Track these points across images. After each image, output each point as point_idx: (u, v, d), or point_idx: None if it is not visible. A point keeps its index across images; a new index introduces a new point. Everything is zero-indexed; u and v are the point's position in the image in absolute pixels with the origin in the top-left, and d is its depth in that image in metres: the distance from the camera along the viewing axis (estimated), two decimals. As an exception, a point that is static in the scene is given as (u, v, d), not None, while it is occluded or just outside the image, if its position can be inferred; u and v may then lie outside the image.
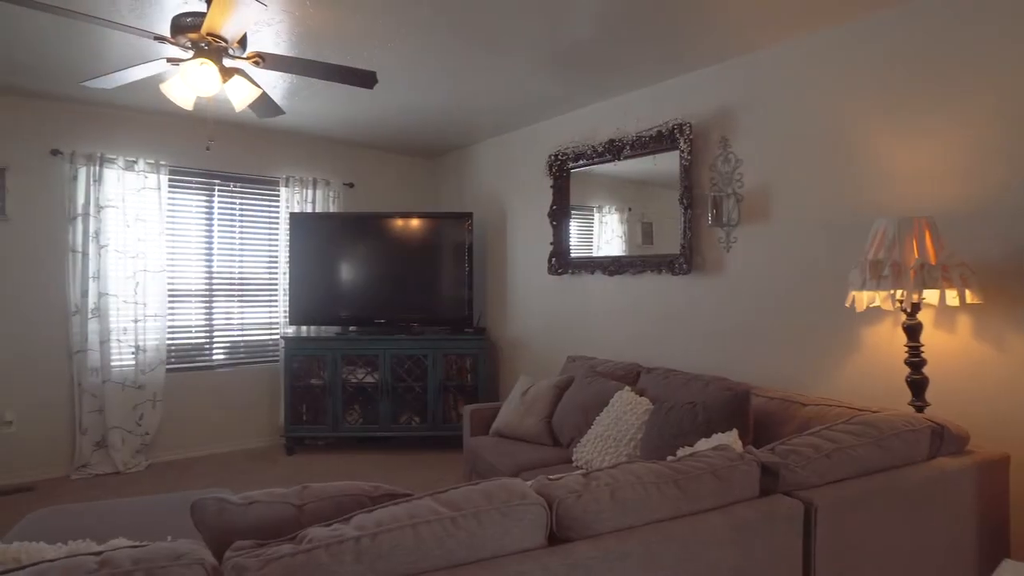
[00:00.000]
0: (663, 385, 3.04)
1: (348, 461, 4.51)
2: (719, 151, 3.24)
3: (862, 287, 2.24)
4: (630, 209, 3.92)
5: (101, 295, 4.24)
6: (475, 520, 1.26)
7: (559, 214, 4.24)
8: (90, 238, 4.20)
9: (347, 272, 4.90)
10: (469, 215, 4.84)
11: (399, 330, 4.82)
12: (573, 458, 2.97)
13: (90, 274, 4.21)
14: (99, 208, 4.23)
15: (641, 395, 2.96)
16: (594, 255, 4.11)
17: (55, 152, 4.15)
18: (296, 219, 4.85)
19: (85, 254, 4.20)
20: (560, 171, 4.21)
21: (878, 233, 2.27)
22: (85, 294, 4.19)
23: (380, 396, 4.66)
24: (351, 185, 5.34)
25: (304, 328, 5.02)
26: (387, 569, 1.13)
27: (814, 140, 2.85)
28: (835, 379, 2.76)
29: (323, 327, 5.04)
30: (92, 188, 4.21)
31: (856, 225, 2.63)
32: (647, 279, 3.68)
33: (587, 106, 4.12)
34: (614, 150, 3.77)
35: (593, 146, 3.92)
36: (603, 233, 4.11)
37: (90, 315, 4.20)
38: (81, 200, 4.18)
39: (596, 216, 4.17)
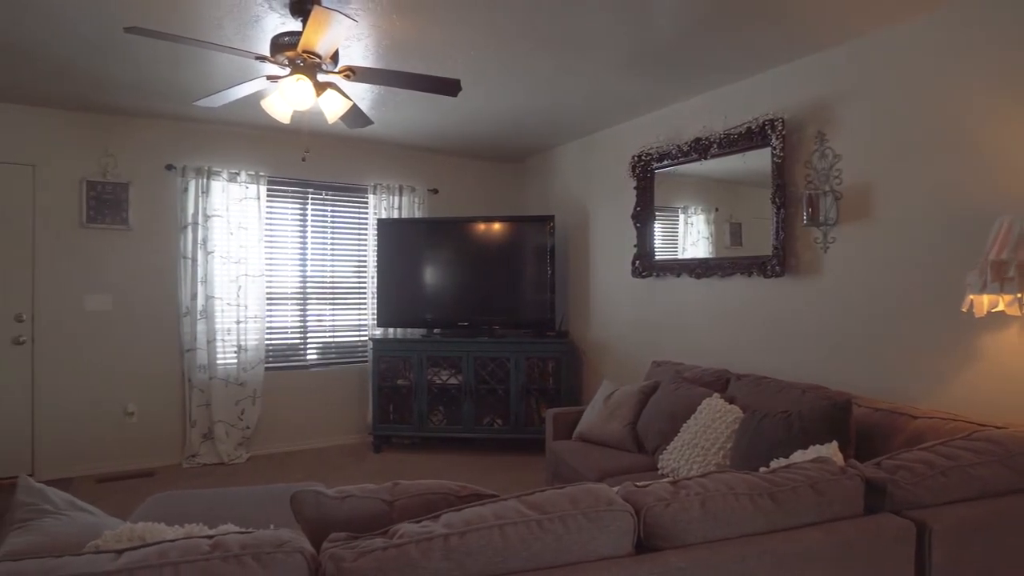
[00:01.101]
0: (754, 393, 2.91)
1: (432, 460, 4.61)
2: (815, 146, 3.07)
3: (982, 290, 2.05)
4: (717, 209, 3.78)
5: (208, 298, 4.57)
6: (561, 524, 1.25)
7: (643, 216, 4.16)
8: (198, 245, 4.54)
9: (432, 276, 5.03)
10: (551, 218, 4.84)
11: (482, 333, 4.89)
12: (659, 466, 2.90)
13: (199, 278, 4.54)
14: (206, 217, 4.56)
15: (731, 403, 2.85)
16: (679, 257, 4.00)
17: (169, 167, 4.52)
18: (383, 225, 5.03)
19: (194, 260, 4.54)
20: (644, 172, 4.13)
21: (1001, 230, 2.07)
22: (194, 297, 4.54)
23: (463, 398, 4.74)
24: (435, 191, 5.48)
25: (391, 330, 5.19)
26: (474, 567, 1.14)
27: (924, 131, 2.64)
28: (949, 391, 2.53)
29: (409, 329, 5.19)
30: (200, 199, 4.55)
31: (973, 222, 2.41)
32: (736, 282, 3.54)
33: (671, 105, 4.02)
34: (700, 149, 3.65)
35: (678, 145, 3.82)
36: (689, 235, 3.99)
37: (198, 316, 4.54)
38: (191, 210, 4.53)
39: (681, 217, 4.06)
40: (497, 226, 4.95)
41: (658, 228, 4.16)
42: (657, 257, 4.14)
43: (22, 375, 4.17)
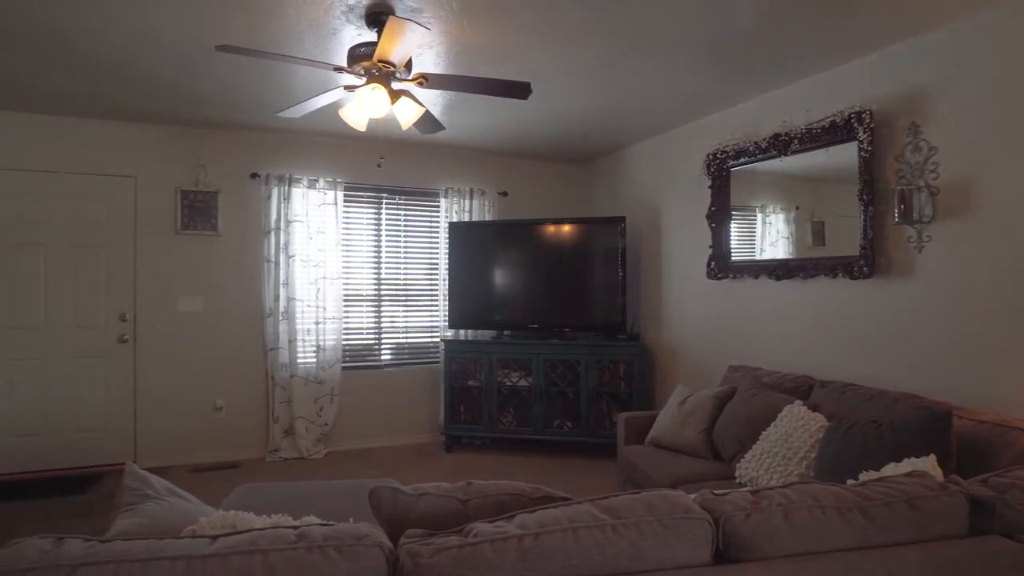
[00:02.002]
0: (840, 401, 2.76)
1: (503, 462, 4.64)
2: (908, 139, 2.87)
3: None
4: (798, 208, 3.61)
5: (289, 300, 4.79)
6: (636, 530, 1.22)
7: (718, 215, 4.03)
8: (281, 249, 4.77)
9: (502, 278, 5.07)
10: (622, 219, 4.77)
11: (552, 335, 4.88)
12: (736, 474, 2.79)
13: (280, 281, 4.77)
14: (288, 223, 4.79)
15: (814, 410, 2.71)
16: (757, 258, 3.85)
17: (253, 175, 4.77)
18: (454, 228, 5.11)
19: (276, 263, 4.77)
20: (719, 170, 4.00)
21: None
22: (276, 299, 4.76)
23: (533, 400, 4.74)
24: (505, 194, 5.52)
25: (462, 332, 5.27)
26: (548, 569, 1.14)
27: (1034, 119, 2.42)
28: (1066, 402, 2.31)
29: (480, 331, 5.24)
30: (282, 206, 4.77)
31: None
32: (819, 284, 3.37)
33: (748, 100, 3.88)
34: (780, 145, 3.50)
35: (756, 142, 3.68)
36: (767, 235, 3.83)
37: (280, 317, 4.76)
38: (274, 216, 4.76)
39: (759, 216, 3.90)
40: (567, 228, 4.93)
41: (734, 228, 4.02)
42: (733, 258, 4.00)
43: (126, 371, 4.51)
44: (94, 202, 4.42)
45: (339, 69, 2.77)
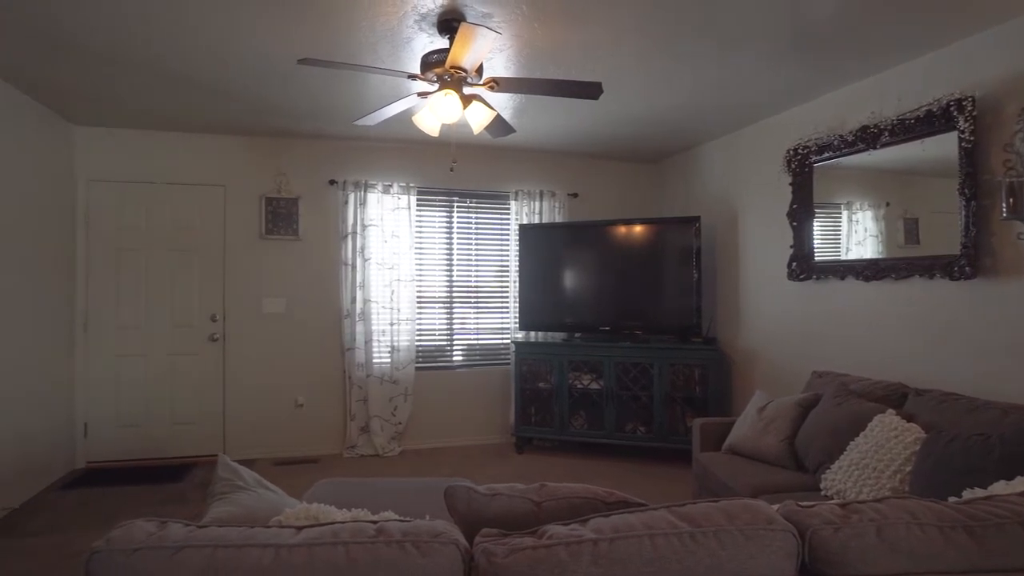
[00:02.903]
0: (939, 411, 2.56)
1: (574, 465, 4.61)
2: (1018, 126, 2.64)
3: None
4: (888, 204, 3.40)
5: (365, 301, 4.95)
6: (715, 539, 1.18)
7: (800, 213, 3.85)
8: (357, 253, 4.94)
9: (572, 280, 5.04)
10: (696, 219, 4.64)
11: (623, 337, 4.81)
12: (821, 486, 2.65)
13: (357, 283, 4.94)
14: (364, 227, 4.95)
15: (909, 420, 2.53)
16: (843, 258, 3.64)
17: (332, 182, 4.97)
18: (525, 230, 5.13)
19: (353, 266, 4.94)
20: (801, 166, 3.82)
21: None
22: (353, 300, 4.93)
23: (605, 403, 4.69)
24: (575, 195, 5.49)
25: (532, 333, 5.28)
26: (623, 575, 1.11)
27: None
28: None
29: (550, 333, 5.24)
30: (358, 211, 4.94)
31: None
32: (914, 285, 3.15)
33: (832, 92, 3.68)
34: (868, 138, 3.31)
35: (841, 135, 3.49)
36: (854, 233, 3.62)
37: (357, 318, 4.93)
38: (351, 221, 4.94)
39: (844, 214, 3.70)
40: (639, 228, 4.85)
41: (817, 227, 3.82)
42: (817, 258, 3.81)
43: (216, 368, 4.80)
44: (188, 210, 4.74)
45: (412, 76, 2.84)
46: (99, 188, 4.59)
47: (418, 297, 5.18)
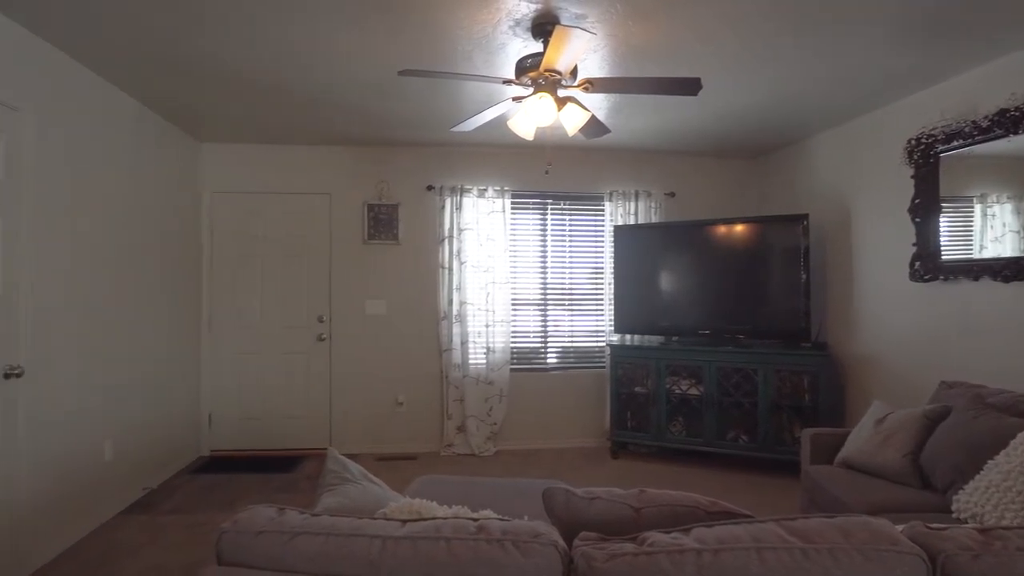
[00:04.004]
0: (1097, 427, 2.26)
1: (672, 472, 4.48)
2: None
3: None
4: (1032, 196, 3.04)
5: (461, 303, 5.06)
6: (831, 558, 1.10)
7: (924, 208, 3.53)
8: (454, 256, 5.07)
9: (669, 281, 4.90)
10: (803, 217, 4.37)
11: (725, 342, 4.61)
12: (952, 508, 2.41)
13: (454, 286, 5.07)
14: (460, 231, 5.07)
15: (1060, 437, 2.25)
16: (976, 256, 3.30)
17: (429, 187, 5.13)
18: (620, 231, 5.05)
19: (450, 270, 5.07)
20: (924, 157, 3.51)
21: None
22: (450, 303, 5.07)
23: (705, 409, 4.52)
24: (672, 194, 5.35)
25: (628, 336, 5.19)
26: (730, 590, 1.06)
27: None
28: None
29: (646, 336, 5.12)
30: (455, 215, 5.07)
31: None
32: (1064, 285, 2.80)
33: (961, 74, 3.35)
34: (1007, 123, 2.98)
35: (974, 121, 3.16)
36: (989, 228, 3.27)
37: (454, 320, 5.06)
38: (447, 225, 5.08)
39: (977, 208, 3.35)
40: (740, 228, 4.63)
41: (944, 222, 3.49)
42: (944, 257, 3.47)
43: (323, 366, 5.09)
44: (298, 217, 5.07)
45: (507, 82, 2.88)
46: (221, 199, 5.01)
47: (513, 299, 5.23)
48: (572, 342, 5.37)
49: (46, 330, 3.02)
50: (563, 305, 5.36)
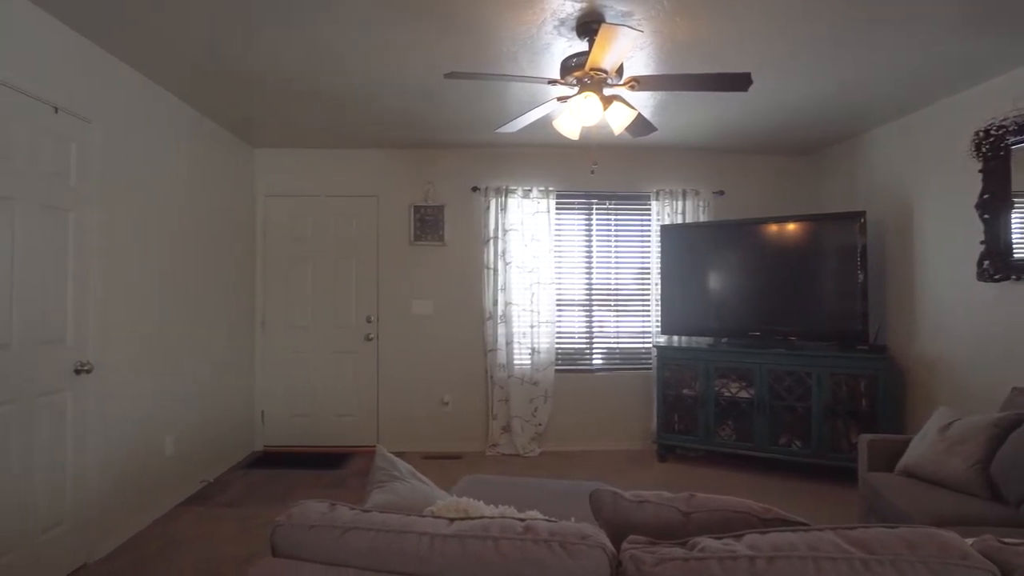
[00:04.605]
0: None
1: (720, 476, 4.38)
2: None
3: None
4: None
5: (506, 304, 5.07)
6: (893, 569, 1.05)
7: (993, 204, 3.35)
8: (499, 256, 5.09)
9: (718, 282, 4.79)
10: (861, 214, 4.20)
11: (776, 344, 4.48)
12: (1025, 519, 2.27)
13: (499, 286, 5.08)
14: (504, 231, 5.09)
15: None
16: (1051, 255, 3.11)
17: (474, 188, 5.16)
18: (667, 231, 4.97)
19: (495, 270, 5.09)
20: (994, 149, 3.32)
21: None
22: (495, 303, 5.08)
23: (755, 413, 4.40)
24: (721, 193, 5.23)
25: (675, 338, 5.10)
26: (785, 600, 1.03)
27: None
28: None
29: (694, 337, 5.03)
30: (499, 215, 5.09)
31: None
32: None
33: (1035, 62, 3.16)
34: (1085, 112, 2.79)
35: (1048, 111, 2.98)
36: (1066, 225, 3.08)
37: (499, 320, 5.07)
38: (492, 226, 5.10)
39: (1052, 203, 3.16)
40: (792, 226, 4.49)
41: (1016, 218, 3.30)
42: (1016, 255, 3.28)
43: (371, 366, 5.18)
44: (347, 220, 5.19)
45: (552, 82, 2.87)
46: (274, 202, 5.17)
47: (558, 300, 5.21)
48: (618, 343, 5.31)
49: (112, 329, 3.17)
50: (609, 306, 5.31)
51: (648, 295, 5.26)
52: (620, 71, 2.80)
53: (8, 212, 2.50)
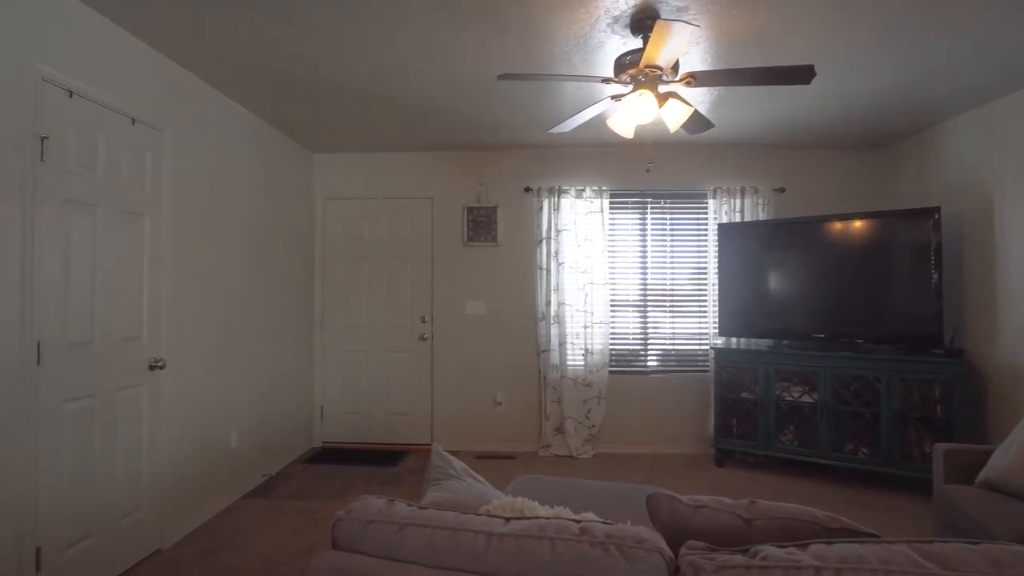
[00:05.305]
0: None
1: (781, 484, 4.23)
2: None
3: None
4: None
5: (559, 304, 5.05)
6: (975, 588, 0.99)
7: (1083, 198, 3.11)
8: (551, 257, 5.07)
9: (779, 282, 4.62)
10: (934, 210, 3.97)
11: (841, 346, 4.29)
12: (1123, 538, 2.10)
13: (551, 287, 5.07)
14: (557, 232, 5.07)
15: None
16: None
17: (527, 189, 5.17)
18: (724, 229, 4.84)
19: (548, 271, 5.08)
20: (1084, 140, 3.09)
21: None
22: (548, 304, 5.07)
23: (819, 418, 4.23)
24: (782, 190, 5.06)
25: (733, 340, 4.96)
26: (855, 614, 0.98)
27: None
28: None
29: (753, 339, 4.88)
30: (552, 216, 5.08)
31: None
32: None
33: None
34: None
35: None
36: None
37: (552, 321, 5.06)
38: (545, 226, 5.09)
39: None
40: (860, 224, 4.29)
41: (1112, 213, 3.05)
42: (1111, 253, 3.04)
43: (425, 365, 5.26)
44: (402, 221, 5.29)
45: (606, 80, 2.84)
46: (332, 205, 5.32)
47: (611, 300, 5.16)
48: (673, 344, 5.21)
49: (181, 327, 3.34)
50: (664, 307, 5.21)
51: (704, 296, 5.14)
52: (675, 67, 2.75)
53: (91, 218, 2.67)
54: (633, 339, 5.22)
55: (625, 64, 2.75)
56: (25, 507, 2.31)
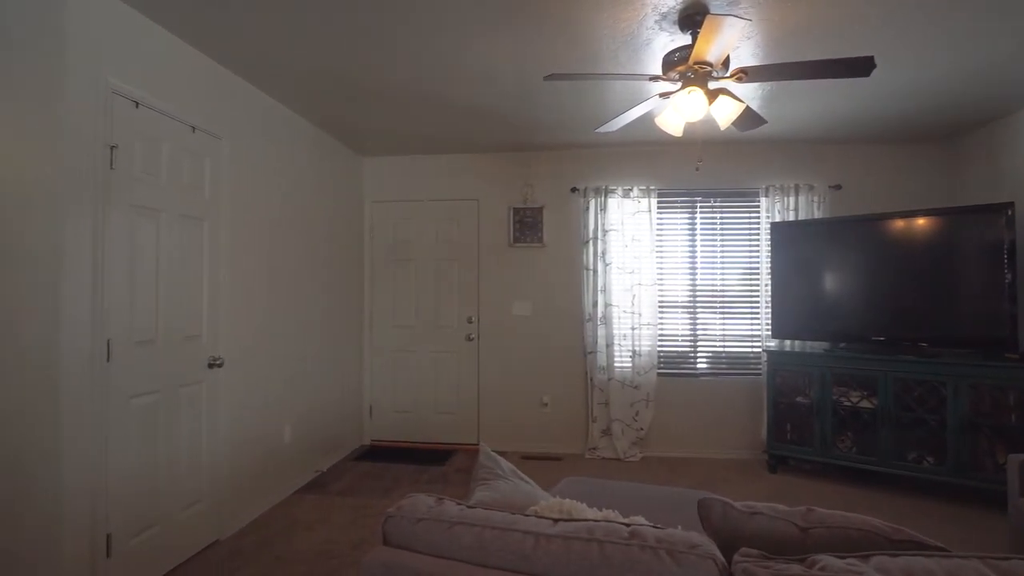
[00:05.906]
0: None
1: (840, 492, 4.07)
2: None
3: None
4: None
5: (606, 306, 5.01)
6: (1055, 607, 0.93)
7: None
8: (598, 257, 5.03)
9: (835, 283, 4.45)
10: (1007, 206, 3.75)
11: (903, 350, 4.11)
12: None
13: (598, 288, 5.03)
14: (604, 232, 5.02)
15: None
16: None
17: (573, 189, 5.14)
18: (777, 229, 4.70)
19: (595, 271, 5.04)
20: None
21: None
22: (595, 304, 5.03)
23: (879, 425, 4.05)
24: (838, 187, 4.88)
25: (787, 342, 4.81)
26: (922, 631, 0.94)
27: None
28: None
29: (808, 342, 4.72)
30: (599, 216, 5.03)
31: None
32: None
33: None
34: None
35: None
36: None
37: (599, 322, 5.02)
38: (591, 226, 5.05)
39: None
40: (923, 221, 4.09)
41: None
42: None
43: (471, 366, 5.30)
44: (448, 223, 5.34)
45: (654, 78, 2.80)
46: (379, 208, 5.42)
47: (660, 301, 5.08)
48: (724, 347, 5.09)
49: (238, 326, 3.46)
50: (714, 308, 5.10)
51: (756, 297, 5.00)
52: (726, 63, 2.68)
53: (155, 222, 2.80)
54: (682, 341, 5.12)
55: (674, 61, 2.70)
56: (98, 495, 2.44)
